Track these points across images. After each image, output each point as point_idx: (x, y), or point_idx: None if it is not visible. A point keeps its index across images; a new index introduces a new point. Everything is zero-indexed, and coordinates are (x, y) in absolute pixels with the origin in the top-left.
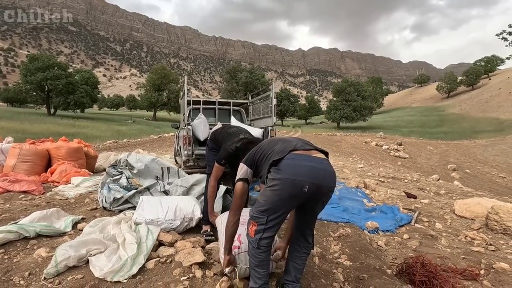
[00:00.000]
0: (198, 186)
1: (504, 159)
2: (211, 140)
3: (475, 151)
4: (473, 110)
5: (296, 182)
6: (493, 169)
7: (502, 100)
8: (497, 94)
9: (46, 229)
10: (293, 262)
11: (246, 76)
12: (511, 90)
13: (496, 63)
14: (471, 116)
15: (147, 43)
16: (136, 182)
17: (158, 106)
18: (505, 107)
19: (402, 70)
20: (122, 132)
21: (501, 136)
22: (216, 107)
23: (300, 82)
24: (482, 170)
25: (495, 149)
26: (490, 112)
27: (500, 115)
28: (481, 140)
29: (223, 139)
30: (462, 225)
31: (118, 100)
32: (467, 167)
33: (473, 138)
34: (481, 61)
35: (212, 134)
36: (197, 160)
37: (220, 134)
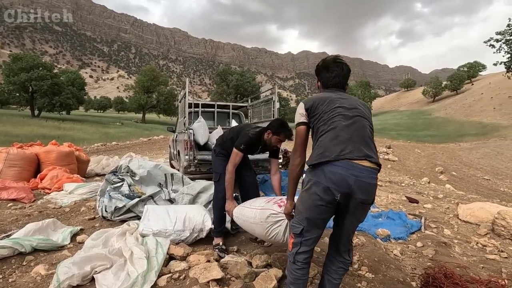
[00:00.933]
0: (204, 193)
1: (488, 161)
2: (219, 145)
3: (460, 154)
4: (457, 114)
5: (330, 189)
6: (478, 171)
7: (485, 104)
8: (479, 98)
9: (44, 243)
10: (328, 275)
11: (237, 78)
12: (492, 95)
13: (478, 69)
14: (456, 120)
15: (135, 44)
16: (138, 189)
17: (147, 108)
18: (487, 112)
19: (389, 74)
20: (111, 135)
21: (484, 139)
22: (215, 110)
23: (289, 85)
24: (468, 172)
25: (479, 152)
26: (474, 116)
27: (483, 119)
28: (466, 143)
29: (236, 135)
30: (469, 231)
31: (106, 102)
32: (453, 169)
33: (458, 141)
34: (464, 66)
35: (220, 139)
36: (198, 165)
37: (229, 135)
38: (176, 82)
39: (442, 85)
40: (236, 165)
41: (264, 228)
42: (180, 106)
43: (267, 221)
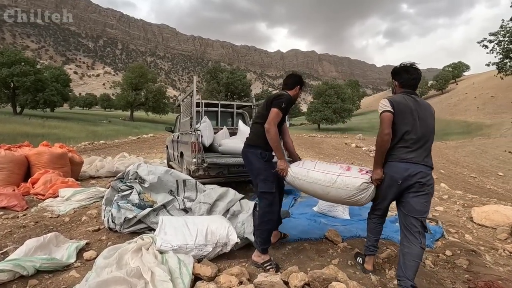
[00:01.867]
0: (221, 201)
1: (473, 159)
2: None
3: (447, 152)
4: (443, 113)
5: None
6: (465, 169)
7: (469, 104)
8: (464, 98)
9: (48, 263)
10: (403, 258)
11: (227, 76)
12: (476, 95)
13: (462, 69)
14: (442, 119)
15: (122, 40)
16: (149, 198)
17: (135, 106)
18: (471, 111)
19: (376, 73)
20: (98, 133)
21: (469, 138)
22: (219, 110)
23: (279, 83)
24: (455, 170)
25: (464, 150)
26: (459, 115)
27: (467, 118)
28: (452, 141)
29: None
30: (488, 235)
31: (91, 99)
32: (441, 167)
33: (444, 139)
34: (449, 67)
35: (255, 135)
36: (207, 169)
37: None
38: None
39: (428, 85)
40: (277, 124)
41: (347, 194)
42: (183, 105)
43: (359, 188)
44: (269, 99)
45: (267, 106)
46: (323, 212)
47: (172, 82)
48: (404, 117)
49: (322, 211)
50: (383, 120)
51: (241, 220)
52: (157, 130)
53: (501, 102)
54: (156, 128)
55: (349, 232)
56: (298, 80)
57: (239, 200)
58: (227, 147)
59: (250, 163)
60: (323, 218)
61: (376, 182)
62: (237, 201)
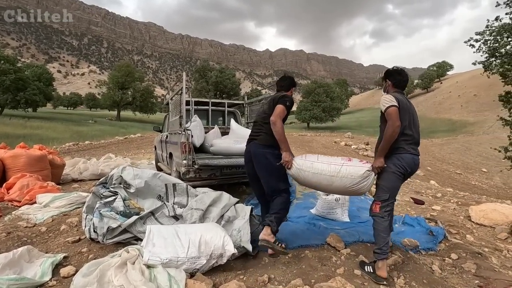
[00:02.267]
0: (215, 207)
1: (458, 156)
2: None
3: (433, 149)
4: (428, 111)
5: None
6: (450, 166)
7: (453, 102)
8: (448, 97)
9: (17, 284)
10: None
11: (216, 75)
12: (459, 94)
13: (446, 68)
14: (427, 117)
15: (107, 38)
16: (135, 204)
17: (122, 106)
18: (455, 109)
19: (363, 72)
20: (83, 134)
21: (454, 136)
22: (210, 108)
23: (268, 82)
24: (441, 167)
25: (450, 147)
26: (444, 113)
27: (452, 116)
28: (437, 139)
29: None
30: (488, 235)
31: (76, 98)
32: (428, 164)
33: (430, 137)
34: (433, 66)
35: (263, 134)
36: (199, 171)
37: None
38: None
39: (414, 84)
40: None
41: (351, 182)
42: (172, 103)
43: (363, 175)
44: (275, 99)
45: (273, 106)
46: (322, 215)
47: (160, 81)
48: (404, 113)
49: (321, 214)
50: (391, 114)
51: (237, 227)
52: (145, 130)
53: (484, 100)
54: (144, 128)
55: (351, 236)
56: (292, 81)
57: (234, 205)
58: (219, 148)
59: (270, 163)
60: (322, 222)
61: (377, 170)
62: (232, 206)
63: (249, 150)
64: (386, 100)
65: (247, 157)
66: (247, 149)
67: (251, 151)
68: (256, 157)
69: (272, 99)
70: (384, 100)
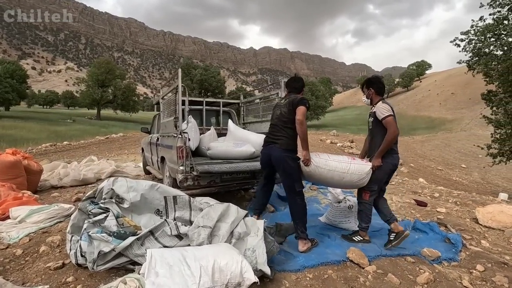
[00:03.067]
0: (223, 222)
1: (439, 153)
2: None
3: (414, 146)
4: (409, 109)
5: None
6: (432, 162)
7: (432, 100)
8: (427, 95)
9: None
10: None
11: (200, 73)
12: (438, 92)
13: (425, 67)
14: (408, 115)
15: (85, 34)
16: (130, 222)
17: (102, 104)
18: (434, 107)
19: (345, 71)
20: (61, 134)
21: (433, 133)
22: (204, 108)
23: (252, 80)
24: (423, 163)
25: (430, 144)
26: (423, 111)
27: (431, 113)
28: (418, 136)
29: (291, 111)
30: (500, 239)
31: (52, 96)
32: (411, 161)
33: (411, 134)
34: (413, 65)
35: (281, 133)
36: (197, 178)
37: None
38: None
39: (395, 82)
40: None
41: (358, 178)
42: (164, 102)
43: (368, 172)
44: (293, 102)
45: (292, 110)
46: (334, 224)
47: (142, 78)
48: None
49: (332, 223)
50: (391, 123)
51: (251, 246)
52: (127, 129)
53: (461, 98)
54: (126, 127)
55: (372, 250)
56: (303, 83)
57: (243, 219)
58: (217, 151)
59: (290, 166)
60: (335, 231)
61: (375, 168)
62: (241, 220)
63: (268, 153)
64: (384, 110)
65: (265, 160)
66: (266, 151)
67: (272, 154)
68: (277, 160)
69: (291, 103)
70: (382, 109)
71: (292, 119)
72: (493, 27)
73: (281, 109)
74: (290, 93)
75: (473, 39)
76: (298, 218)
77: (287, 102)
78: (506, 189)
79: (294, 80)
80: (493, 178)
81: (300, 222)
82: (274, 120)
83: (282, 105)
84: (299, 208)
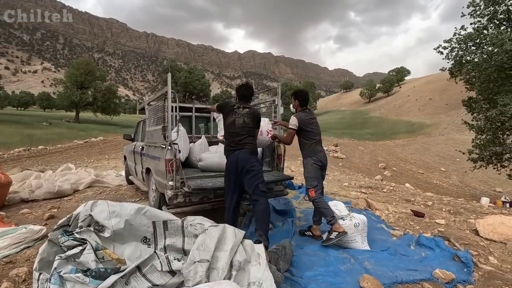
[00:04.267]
0: (221, 251)
1: (419, 156)
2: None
3: (396, 150)
4: (390, 114)
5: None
6: (413, 166)
7: (411, 105)
8: (407, 100)
9: None
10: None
11: (185, 76)
12: (417, 97)
13: (404, 73)
14: (389, 119)
15: (64, 33)
16: (112, 255)
17: (81, 106)
18: (413, 112)
19: (328, 76)
20: (36, 137)
21: (413, 137)
22: (193, 115)
23: (237, 84)
24: (405, 167)
25: (410, 148)
26: (403, 115)
27: (411, 118)
28: (399, 140)
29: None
30: (505, 254)
31: (27, 97)
32: (393, 165)
33: (393, 138)
34: (393, 71)
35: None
36: (189, 194)
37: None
38: (115, 77)
39: (376, 88)
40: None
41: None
42: (151, 109)
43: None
44: (254, 116)
45: (255, 122)
46: (339, 244)
47: (123, 80)
48: (309, 125)
49: (338, 243)
50: (289, 134)
51: (256, 280)
52: (107, 132)
53: (438, 104)
54: (106, 130)
55: (386, 276)
56: (253, 93)
57: (240, 243)
58: (210, 163)
59: (257, 167)
60: (342, 252)
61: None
62: (240, 245)
63: (235, 158)
64: (292, 122)
65: (233, 166)
66: (233, 158)
67: (239, 157)
68: (245, 161)
69: (253, 115)
70: (291, 121)
71: (255, 130)
72: (474, 36)
73: (243, 118)
74: (242, 101)
75: (456, 47)
76: (260, 220)
77: (248, 113)
78: (483, 192)
79: (246, 88)
80: (470, 181)
81: (261, 224)
82: (236, 128)
83: (243, 114)
84: (262, 209)
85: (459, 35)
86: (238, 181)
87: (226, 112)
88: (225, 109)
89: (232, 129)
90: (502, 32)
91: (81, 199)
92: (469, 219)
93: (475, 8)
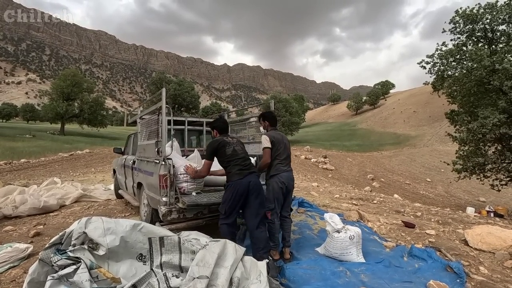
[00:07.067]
0: (221, 267)
1: (405, 168)
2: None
3: (383, 161)
4: (376, 126)
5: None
6: (400, 177)
7: (397, 118)
8: (392, 112)
9: None
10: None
11: (174, 88)
12: (401, 110)
13: (389, 87)
14: (376, 131)
15: (50, 45)
16: (107, 274)
17: (67, 118)
18: (399, 124)
19: (316, 89)
20: (18, 150)
21: (399, 148)
22: (186, 128)
23: (226, 96)
24: (392, 178)
25: (397, 159)
26: (389, 127)
27: (396, 130)
28: (386, 151)
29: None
30: (494, 264)
31: (10, 109)
32: (381, 176)
33: (380, 150)
34: (378, 84)
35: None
36: (183, 210)
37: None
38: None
39: (362, 100)
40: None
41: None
42: (143, 123)
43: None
44: (241, 142)
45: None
46: (333, 256)
47: (111, 92)
48: (278, 144)
49: (333, 255)
50: (265, 153)
51: None
52: (94, 144)
53: (422, 116)
54: (93, 142)
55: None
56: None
57: (240, 260)
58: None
59: (264, 194)
60: (337, 265)
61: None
62: (240, 262)
63: (248, 181)
64: (265, 141)
65: (245, 189)
66: (247, 180)
67: (252, 181)
68: (258, 186)
69: (240, 141)
70: (264, 140)
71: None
72: (454, 52)
73: (239, 145)
74: (224, 133)
75: (437, 62)
76: (262, 245)
77: (237, 141)
78: (468, 202)
79: (222, 121)
80: (455, 191)
81: (264, 249)
82: (240, 154)
83: (235, 142)
84: (264, 236)
85: (441, 51)
86: (244, 203)
87: (221, 147)
88: (219, 146)
89: (237, 156)
90: (481, 49)
91: (68, 215)
92: (458, 229)
93: (455, 25)
